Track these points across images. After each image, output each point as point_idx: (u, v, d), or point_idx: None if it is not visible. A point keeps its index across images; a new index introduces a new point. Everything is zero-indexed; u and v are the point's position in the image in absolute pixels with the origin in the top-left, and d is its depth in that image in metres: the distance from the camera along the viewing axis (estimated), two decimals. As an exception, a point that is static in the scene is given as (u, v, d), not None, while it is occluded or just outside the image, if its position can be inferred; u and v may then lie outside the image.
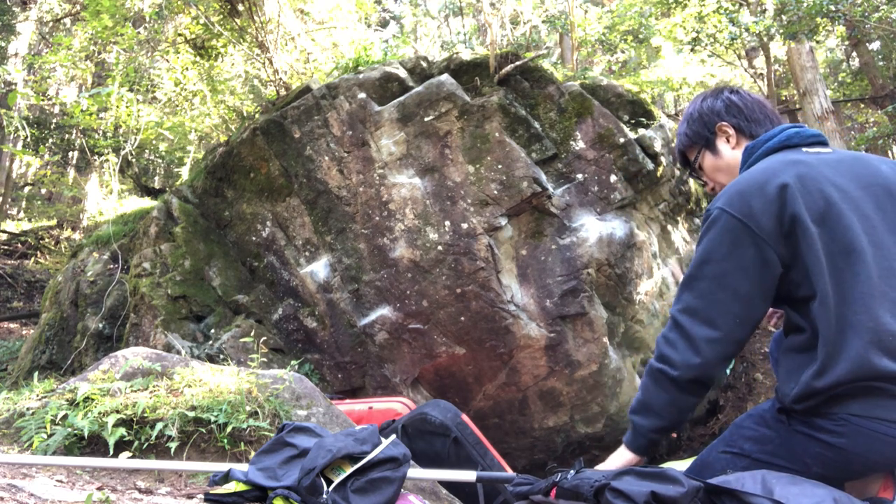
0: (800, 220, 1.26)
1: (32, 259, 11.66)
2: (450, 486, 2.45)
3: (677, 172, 5.22)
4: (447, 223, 4.47)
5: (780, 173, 1.31)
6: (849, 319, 1.22)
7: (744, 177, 1.38)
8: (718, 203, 1.35)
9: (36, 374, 3.29)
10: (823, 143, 1.45)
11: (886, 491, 1.36)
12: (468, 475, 1.85)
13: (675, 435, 5.03)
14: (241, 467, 1.81)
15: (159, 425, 2.27)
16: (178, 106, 7.27)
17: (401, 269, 4.50)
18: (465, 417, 2.94)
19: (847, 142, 8.28)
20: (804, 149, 1.41)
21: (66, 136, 11.15)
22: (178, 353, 4.34)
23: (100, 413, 2.29)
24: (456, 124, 4.62)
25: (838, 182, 1.30)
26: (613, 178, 4.67)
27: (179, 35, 6.75)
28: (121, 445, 2.22)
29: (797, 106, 10.07)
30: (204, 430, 2.32)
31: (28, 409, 2.43)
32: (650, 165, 4.77)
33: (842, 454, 1.26)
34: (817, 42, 9.15)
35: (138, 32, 6.83)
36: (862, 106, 11.55)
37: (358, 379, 4.62)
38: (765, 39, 6.30)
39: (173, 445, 2.25)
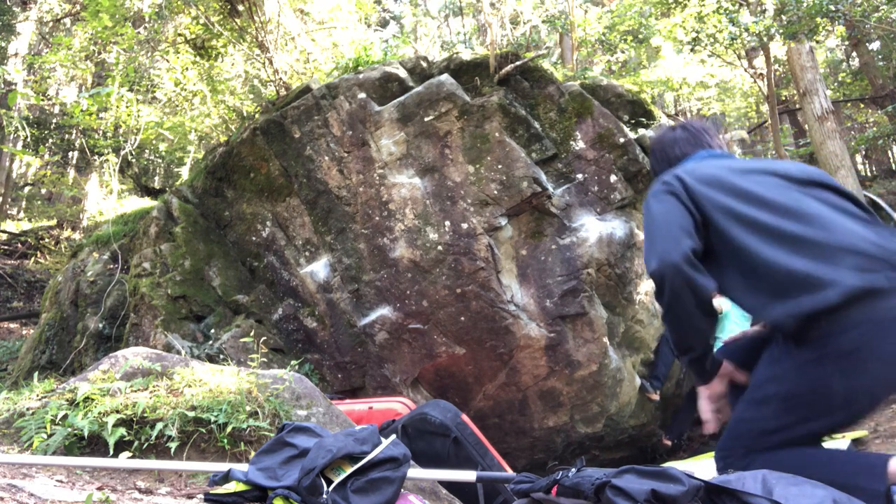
0: (696, 191, 1.66)
1: (32, 259, 11.66)
2: (450, 486, 2.45)
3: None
4: (447, 223, 4.47)
5: (685, 170, 1.74)
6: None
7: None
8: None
9: (36, 374, 3.29)
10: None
11: None
12: (468, 475, 1.85)
13: (668, 442, 5.04)
14: (241, 467, 1.81)
15: (159, 425, 2.26)
16: (178, 106, 7.27)
17: (401, 269, 4.50)
18: (465, 417, 2.94)
19: (847, 142, 8.28)
20: (725, 160, 1.81)
21: (66, 136, 11.15)
22: (178, 353, 4.34)
23: (100, 413, 2.29)
24: (456, 124, 4.62)
25: (725, 169, 1.70)
26: (613, 177, 4.67)
27: (179, 35, 6.75)
28: (121, 445, 2.22)
29: (797, 106, 10.07)
30: (204, 430, 2.32)
31: (28, 409, 2.43)
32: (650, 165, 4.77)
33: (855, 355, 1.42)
34: (817, 42, 9.14)
35: (138, 32, 6.83)
36: (862, 106, 11.56)
37: (358, 379, 4.62)
38: (765, 39, 6.31)
39: (173, 445, 2.25)
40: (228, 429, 2.32)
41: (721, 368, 1.67)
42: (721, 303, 4.98)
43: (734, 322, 4.89)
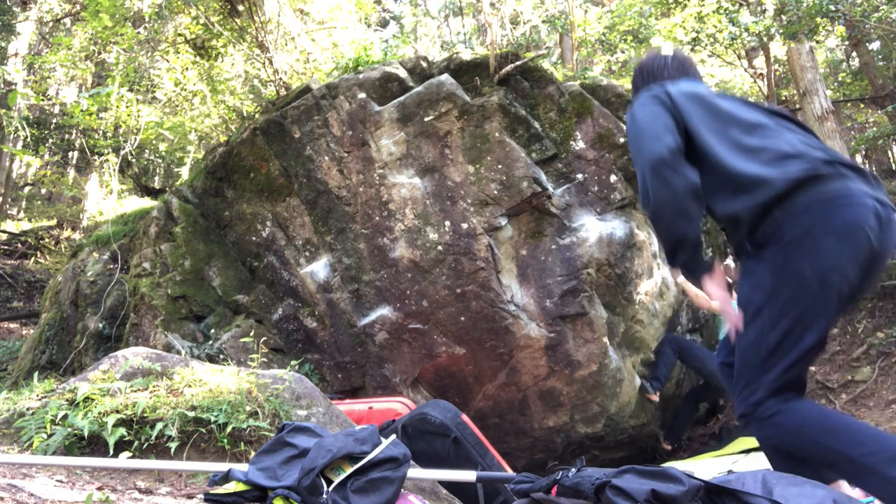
0: (677, 100, 1.81)
1: (32, 259, 11.65)
2: (450, 486, 2.45)
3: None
4: (447, 223, 4.47)
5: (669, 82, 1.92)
6: None
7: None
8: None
9: (36, 374, 3.29)
10: None
11: None
12: (468, 475, 1.85)
13: (668, 447, 5.04)
14: (241, 467, 1.81)
15: (159, 425, 2.26)
16: (178, 106, 7.27)
17: (401, 269, 4.50)
18: (465, 417, 2.94)
19: (847, 142, 8.28)
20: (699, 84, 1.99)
21: (66, 136, 11.15)
22: (178, 353, 4.34)
23: (100, 413, 2.29)
24: (456, 124, 4.62)
25: (705, 89, 1.88)
26: (613, 177, 4.67)
27: (179, 35, 6.75)
28: (121, 445, 2.22)
29: (797, 106, 10.07)
30: (204, 430, 2.32)
31: (28, 409, 2.43)
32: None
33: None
34: (817, 42, 9.15)
35: (138, 32, 6.83)
36: (862, 106, 11.55)
37: (358, 379, 4.62)
38: (765, 39, 6.30)
39: (173, 445, 2.25)
40: (228, 429, 2.32)
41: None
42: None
43: None
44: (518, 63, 4.82)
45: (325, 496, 1.61)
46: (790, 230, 1.57)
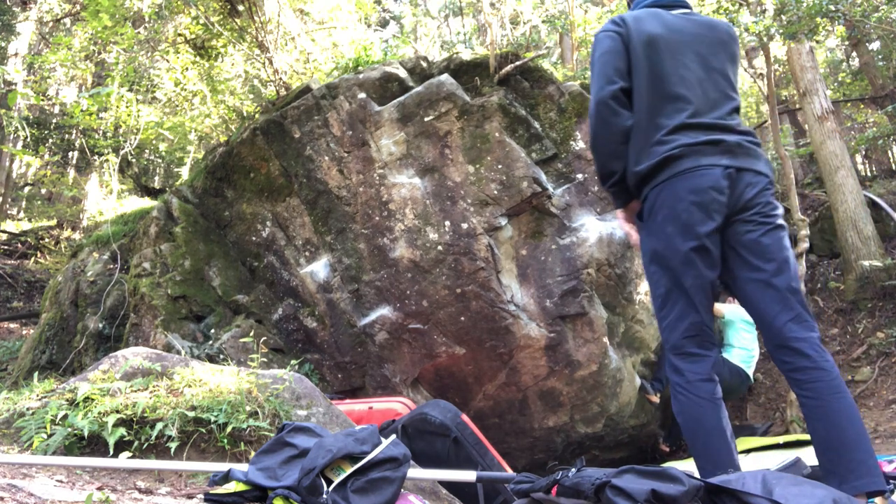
0: (633, 44, 1.98)
1: (32, 259, 11.65)
2: (450, 486, 2.45)
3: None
4: (447, 223, 4.47)
5: (635, 19, 2.04)
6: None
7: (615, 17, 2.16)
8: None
9: (36, 374, 3.29)
10: (684, 7, 2.12)
11: None
12: (468, 475, 1.85)
13: (666, 448, 5.05)
14: (241, 467, 1.81)
15: (159, 425, 2.26)
16: (178, 106, 7.27)
17: (401, 269, 4.50)
18: (465, 417, 2.94)
19: (847, 142, 8.28)
20: (671, 10, 2.07)
21: (66, 136, 11.14)
22: (178, 353, 4.34)
23: (100, 413, 2.29)
24: (456, 124, 4.62)
25: (662, 29, 1.99)
26: (613, 177, 4.66)
27: (179, 35, 6.75)
28: (121, 445, 2.22)
29: (797, 106, 10.07)
30: (204, 430, 2.32)
31: (28, 409, 2.43)
32: None
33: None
34: (817, 42, 9.14)
35: (138, 32, 6.83)
36: (862, 106, 11.55)
37: (358, 379, 4.62)
38: (765, 39, 6.29)
39: (173, 445, 2.25)
40: (228, 429, 2.31)
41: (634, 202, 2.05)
42: (721, 308, 4.99)
43: (739, 328, 4.89)
44: (518, 63, 4.82)
45: (325, 496, 1.61)
46: (647, 204, 1.92)
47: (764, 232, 1.83)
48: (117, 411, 2.30)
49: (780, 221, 1.88)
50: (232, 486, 1.74)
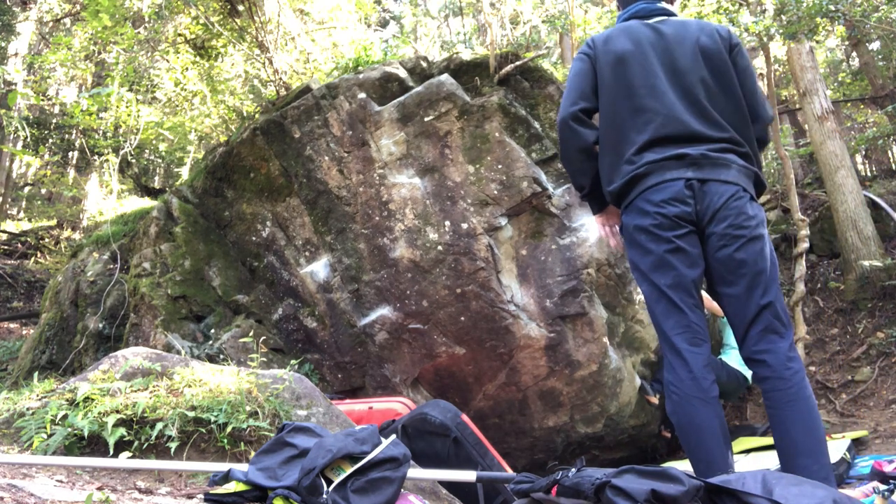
0: (599, 64, 2.07)
1: (32, 259, 11.65)
2: (450, 486, 2.45)
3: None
4: (447, 223, 4.47)
5: (605, 39, 2.11)
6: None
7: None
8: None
9: (36, 374, 3.29)
10: (663, 14, 2.14)
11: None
12: (468, 475, 1.85)
13: (668, 434, 5.04)
14: (241, 467, 1.81)
15: (159, 425, 2.26)
16: (178, 106, 7.26)
17: (401, 269, 4.50)
18: (465, 417, 2.94)
19: (847, 142, 8.28)
20: (647, 20, 2.10)
21: (66, 136, 11.14)
22: (178, 353, 4.34)
23: (100, 413, 2.29)
24: (456, 124, 4.62)
25: (631, 45, 2.03)
26: (613, 177, 4.66)
27: (179, 35, 6.75)
28: (121, 445, 2.22)
29: (797, 106, 10.07)
30: (204, 430, 2.32)
31: (28, 409, 2.43)
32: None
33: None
34: (817, 42, 9.14)
35: (138, 32, 6.82)
36: (862, 106, 11.55)
37: (358, 379, 4.62)
38: (765, 39, 6.29)
39: (173, 445, 2.25)
40: (228, 429, 2.31)
41: (609, 207, 2.18)
42: (720, 308, 4.97)
43: None
44: (518, 63, 4.82)
45: (325, 496, 1.61)
46: (622, 220, 2.03)
47: (738, 247, 1.85)
48: (117, 411, 2.30)
49: (757, 232, 1.87)
50: (232, 486, 1.74)
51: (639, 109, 1.96)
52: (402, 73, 4.90)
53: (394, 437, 1.87)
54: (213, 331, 4.71)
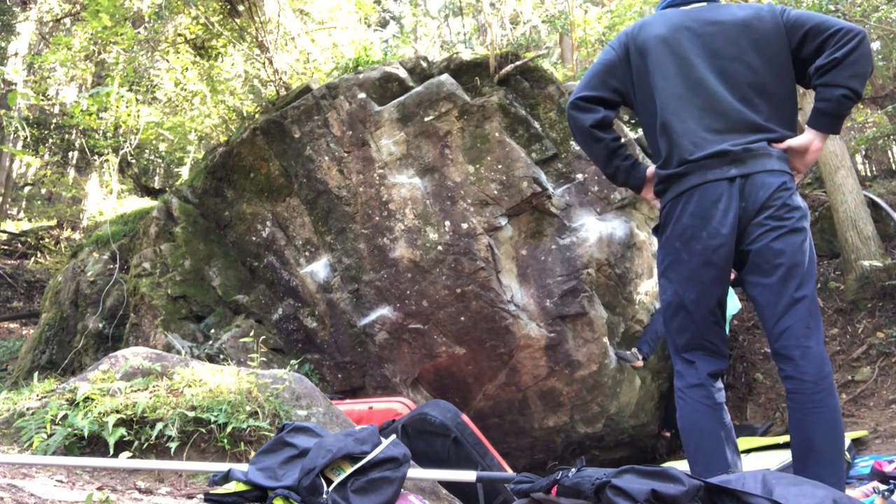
0: (632, 53, 2.02)
1: (32, 259, 11.65)
2: (450, 486, 2.45)
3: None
4: (447, 223, 4.47)
5: (642, 25, 2.05)
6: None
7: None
8: None
9: (36, 374, 3.29)
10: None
11: None
12: (468, 475, 1.85)
13: (667, 434, 5.04)
14: (241, 467, 1.81)
15: (159, 425, 2.26)
16: (178, 106, 7.26)
17: (401, 269, 4.50)
18: (465, 417, 2.94)
19: (847, 142, 8.27)
20: (683, 7, 2.04)
21: (66, 136, 11.14)
22: (178, 353, 4.34)
23: (100, 413, 2.29)
24: (456, 124, 4.62)
25: (667, 31, 1.97)
26: (613, 177, 4.66)
27: (179, 35, 6.75)
28: (121, 445, 2.22)
29: (797, 106, 10.05)
30: (204, 430, 2.32)
31: (28, 409, 2.43)
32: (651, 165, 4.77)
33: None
34: (817, 42, 9.10)
35: (138, 32, 6.82)
36: (862, 106, 11.54)
37: (358, 379, 4.62)
38: (765, 39, 6.29)
39: (173, 445, 2.25)
40: (228, 429, 2.31)
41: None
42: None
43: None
44: (518, 63, 4.82)
45: (325, 496, 1.61)
46: (661, 218, 1.96)
47: (776, 236, 1.78)
48: (117, 411, 2.30)
49: (798, 224, 1.80)
50: (232, 486, 1.74)
51: (675, 96, 1.90)
52: (402, 73, 4.90)
53: (394, 437, 1.87)
54: (213, 331, 4.71)
